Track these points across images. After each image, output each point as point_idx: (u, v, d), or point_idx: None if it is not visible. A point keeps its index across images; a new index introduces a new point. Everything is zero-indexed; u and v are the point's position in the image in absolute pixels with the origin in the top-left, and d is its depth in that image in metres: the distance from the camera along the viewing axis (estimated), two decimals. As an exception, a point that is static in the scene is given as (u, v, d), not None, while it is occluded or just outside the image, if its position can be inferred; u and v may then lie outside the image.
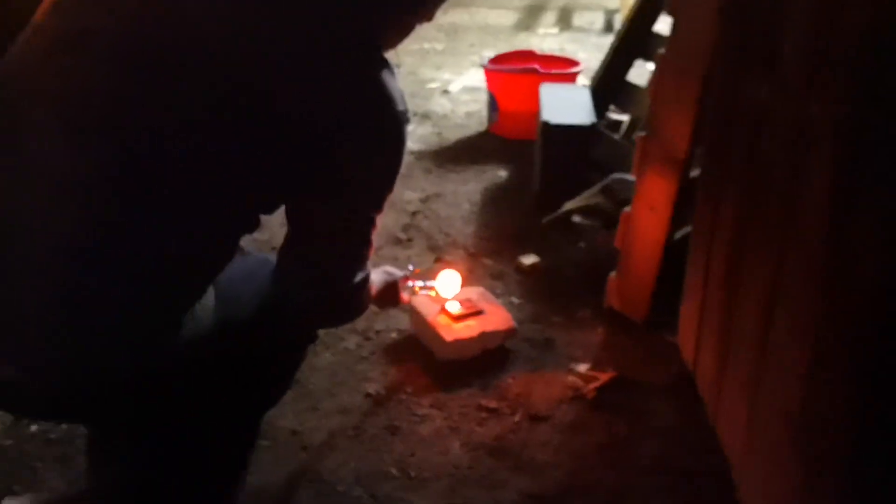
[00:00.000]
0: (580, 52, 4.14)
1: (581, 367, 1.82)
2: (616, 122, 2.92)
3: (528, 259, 2.25)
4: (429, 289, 1.82)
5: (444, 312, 1.86)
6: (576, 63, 3.29)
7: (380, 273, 1.58)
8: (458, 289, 1.88)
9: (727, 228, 1.49)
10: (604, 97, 2.85)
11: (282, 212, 1.13)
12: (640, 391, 1.76)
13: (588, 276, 2.16)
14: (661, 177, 1.80)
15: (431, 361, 1.83)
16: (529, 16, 5.23)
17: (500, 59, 3.30)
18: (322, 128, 1.05)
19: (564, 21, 5.14)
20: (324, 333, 1.79)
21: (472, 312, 1.87)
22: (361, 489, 1.48)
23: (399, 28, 1.17)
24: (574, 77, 3.18)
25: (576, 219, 2.33)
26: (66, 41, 1.03)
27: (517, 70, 3.13)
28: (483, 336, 1.84)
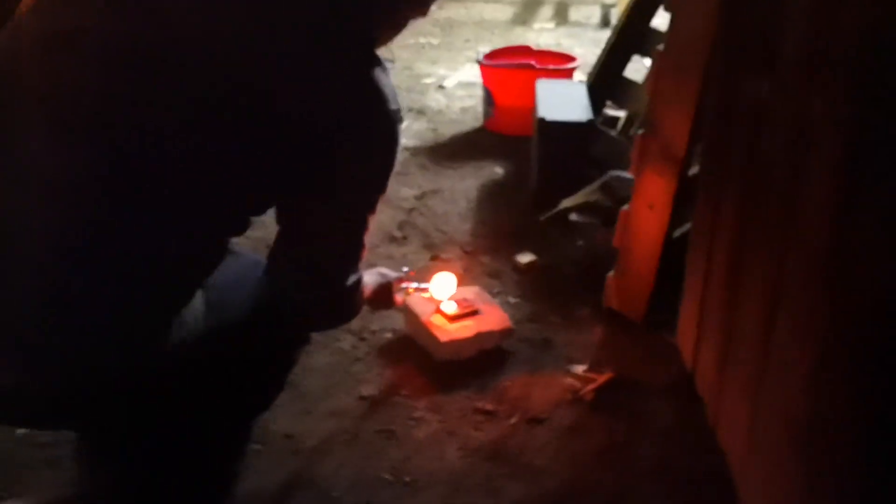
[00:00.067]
0: (577, 48, 4.12)
1: (579, 369, 1.80)
2: (613, 119, 2.91)
3: (526, 257, 2.22)
4: (423, 291, 1.80)
5: (440, 312, 1.84)
6: (572, 58, 3.27)
7: (373, 274, 1.56)
8: (454, 291, 1.86)
9: (727, 227, 1.49)
10: (600, 93, 2.84)
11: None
12: (640, 392, 1.74)
13: (586, 275, 2.13)
14: (660, 175, 1.78)
15: (427, 362, 1.80)
16: (525, 10, 5.21)
17: (496, 55, 3.29)
18: (321, 127, 1.05)
19: (561, 16, 5.12)
20: (318, 334, 1.77)
21: (468, 312, 1.84)
22: (356, 495, 1.46)
23: (393, 24, 1.18)
24: (570, 73, 3.17)
25: (573, 216, 2.31)
26: (57, 40, 1.02)
27: (513, 65, 3.12)
28: (479, 336, 1.81)
